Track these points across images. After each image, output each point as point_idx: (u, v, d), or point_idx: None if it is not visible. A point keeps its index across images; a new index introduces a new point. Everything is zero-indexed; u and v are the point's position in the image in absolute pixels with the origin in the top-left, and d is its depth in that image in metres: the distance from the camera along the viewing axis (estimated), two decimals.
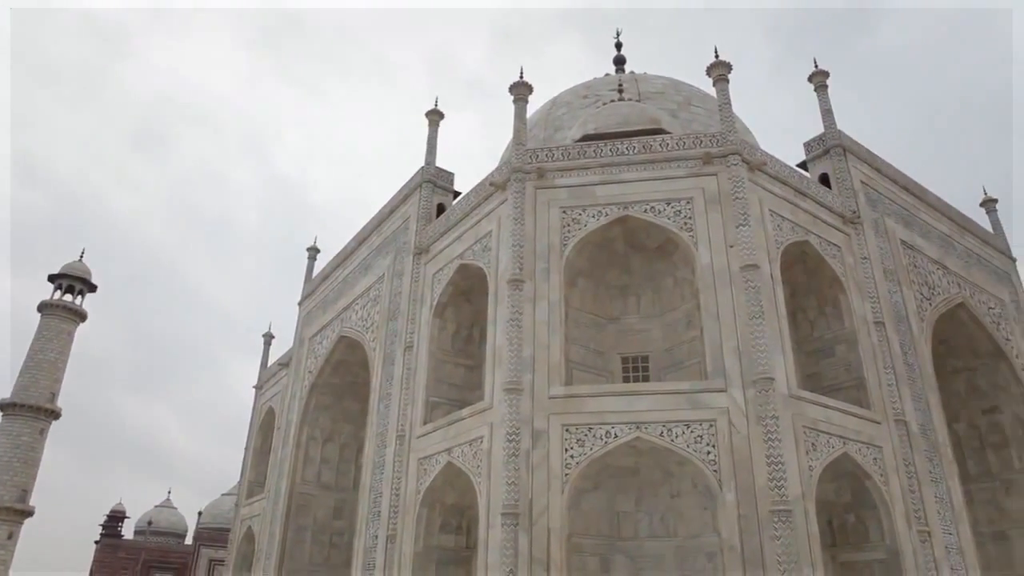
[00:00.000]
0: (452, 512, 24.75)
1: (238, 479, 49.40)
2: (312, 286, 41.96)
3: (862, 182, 28.98)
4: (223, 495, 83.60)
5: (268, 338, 51.71)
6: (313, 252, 45.36)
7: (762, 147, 27.55)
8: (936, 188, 33.90)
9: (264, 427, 45.92)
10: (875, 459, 22.76)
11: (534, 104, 34.36)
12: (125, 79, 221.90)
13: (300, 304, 43.18)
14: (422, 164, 31.86)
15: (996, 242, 37.43)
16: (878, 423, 23.52)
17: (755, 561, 18.53)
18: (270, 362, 48.92)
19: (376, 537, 26.41)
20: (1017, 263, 37.84)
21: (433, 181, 31.47)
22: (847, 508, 23.14)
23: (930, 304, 29.17)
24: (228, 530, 52.43)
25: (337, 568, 35.13)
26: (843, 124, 29.59)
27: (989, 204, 40.38)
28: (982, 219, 38.71)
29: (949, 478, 25.27)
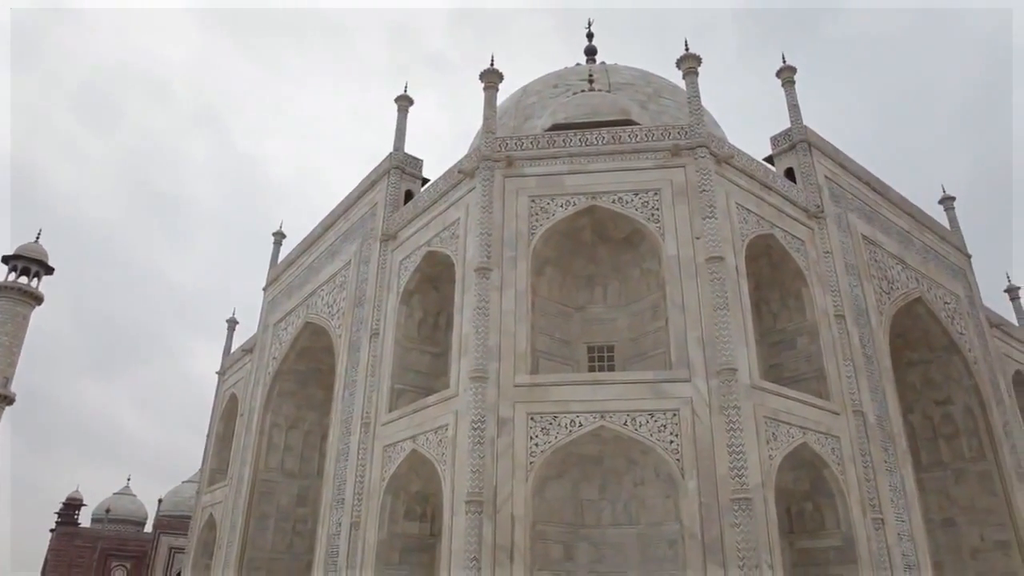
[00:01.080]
0: (416, 500, 24.74)
1: (199, 466, 48.78)
2: (277, 271, 41.44)
3: (826, 177, 29.45)
4: (184, 482, 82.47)
5: (232, 324, 51.02)
6: (279, 237, 44.77)
7: (729, 139, 27.89)
8: (897, 182, 34.65)
9: (227, 414, 45.34)
10: (833, 449, 23.26)
11: (504, 91, 34.25)
12: (66, 43, 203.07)
13: (265, 290, 42.63)
14: (390, 150, 31.65)
15: (953, 239, 38.36)
16: (837, 414, 24.03)
17: (715, 548, 18.86)
18: (233, 348, 48.30)
19: (340, 524, 26.29)
20: (972, 259, 38.87)
21: (401, 167, 31.22)
22: (805, 496, 23.64)
23: (889, 298, 29.83)
24: (189, 518, 51.73)
25: (300, 556, 34.94)
26: (809, 113, 29.97)
27: (947, 201, 41.33)
28: (940, 216, 39.67)
29: (903, 467, 25.95)
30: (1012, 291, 46.38)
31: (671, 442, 20.07)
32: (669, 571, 20.02)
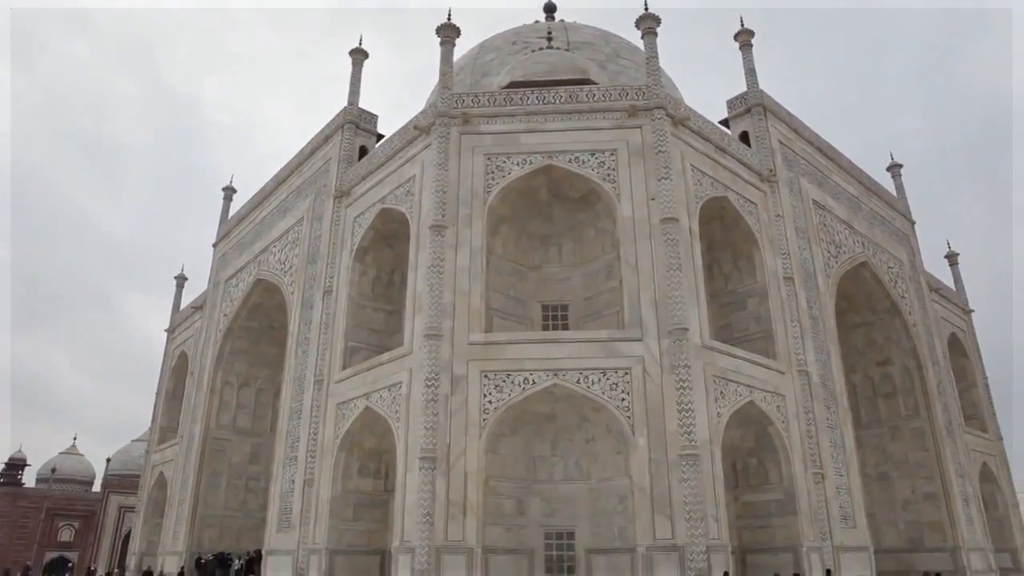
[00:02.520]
0: (370, 456, 24.81)
1: (149, 425, 48.02)
2: (227, 227, 40.49)
3: (780, 142, 29.82)
4: (133, 441, 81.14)
5: (180, 280, 49.87)
6: (229, 192, 43.63)
7: (687, 101, 27.97)
8: (847, 142, 35.23)
9: (177, 372, 44.56)
10: (778, 407, 24.00)
11: (462, 47, 33.64)
12: None
13: (215, 246, 41.67)
14: (345, 104, 30.94)
15: (898, 205, 39.40)
16: (782, 373, 24.74)
17: (663, 502, 19.42)
18: (183, 305, 47.30)
19: (293, 482, 26.26)
20: (916, 226, 40.04)
21: (356, 123, 30.57)
22: (750, 452, 24.40)
23: (836, 262, 30.59)
24: (139, 477, 51.03)
25: (253, 512, 34.85)
26: (763, 72, 30.09)
27: (894, 168, 42.35)
28: (888, 182, 40.66)
29: (844, 425, 26.94)
30: (951, 257, 47.97)
31: (623, 400, 20.45)
32: (618, 524, 20.57)
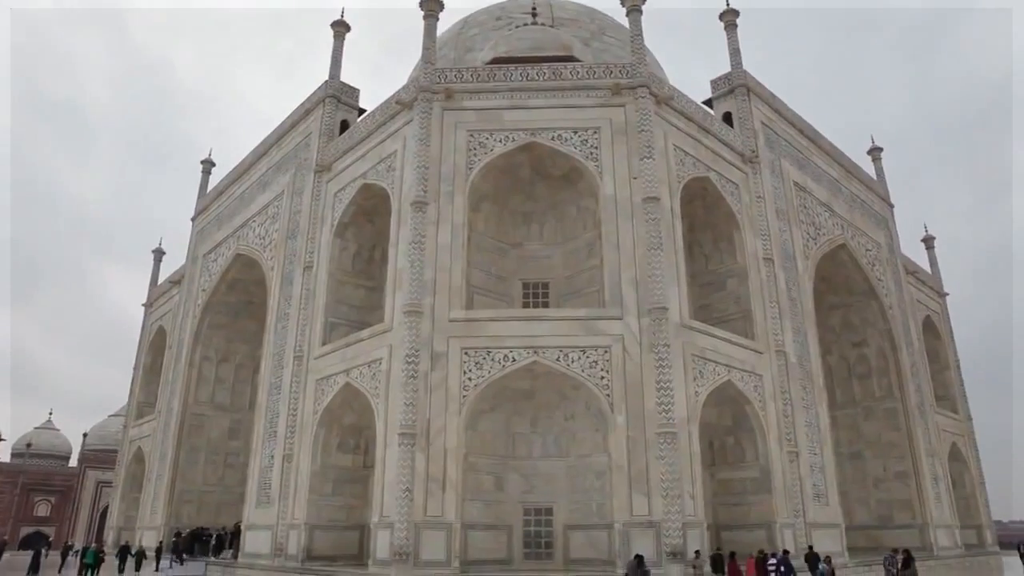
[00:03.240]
0: (350, 432, 24.81)
1: (126, 400, 47.66)
2: (206, 201, 39.97)
3: (763, 123, 29.86)
4: (110, 416, 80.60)
5: (158, 254, 49.28)
6: (207, 165, 43.05)
7: (671, 80, 27.91)
8: (832, 121, 35.39)
9: (155, 346, 44.19)
10: (755, 386, 24.27)
11: (446, 21, 33.25)
12: None
13: (193, 220, 41.16)
14: (325, 78, 30.52)
15: (878, 188, 39.71)
16: (760, 353, 24.99)
17: (641, 479, 19.63)
18: (161, 279, 46.79)
19: (272, 457, 26.24)
20: (894, 209, 40.42)
21: (337, 96, 30.19)
22: (727, 431, 24.70)
23: (815, 244, 30.84)
24: (116, 451, 50.77)
25: (232, 488, 34.81)
26: (749, 48, 29.94)
27: (875, 152, 42.60)
28: (868, 165, 40.93)
29: (819, 404, 27.33)
30: (928, 241, 48.56)
31: (602, 378, 20.57)
32: (596, 501, 20.78)
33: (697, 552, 18.26)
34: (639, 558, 16.11)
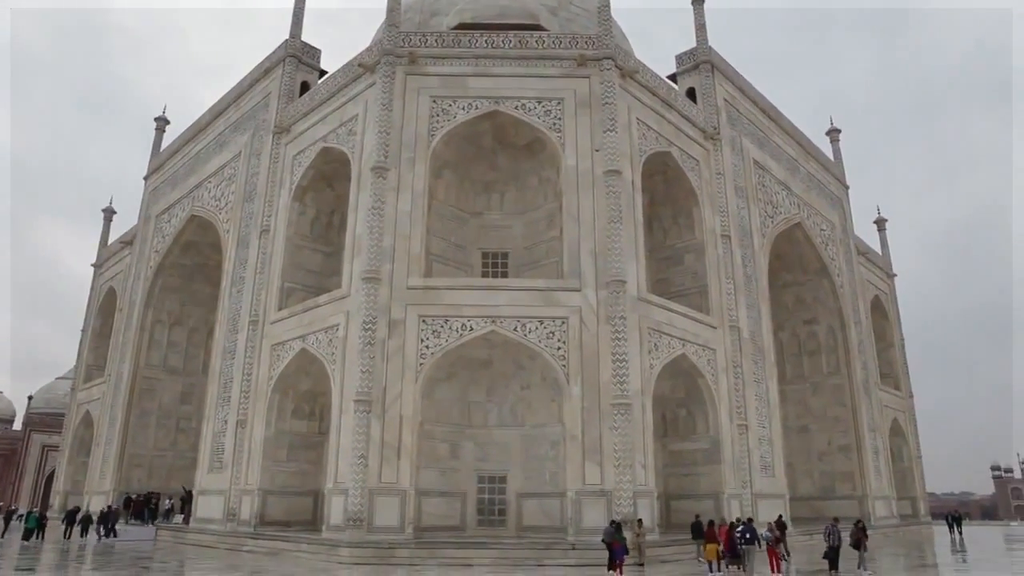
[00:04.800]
0: (305, 398, 24.65)
1: (74, 362, 46.53)
2: (160, 160, 38.81)
3: (725, 100, 30.04)
4: (57, 379, 78.51)
5: (108, 213, 47.85)
6: (161, 123, 41.74)
7: (637, 54, 27.84)
8: (795, 96, 35.83)
9: (104, 308, 43.11)
10: (709, 360, 24.75)
11: None
12: None
13: (146, 179, 39.98)
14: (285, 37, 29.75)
15: (834, 169, 40.43)
16: (715, 328, 25.45)
17: (594, 449, 19.92)
18: (111, 239, 45.49)
19: (226, 422, 25.95)
20: (849, 191, 41.24)
21: (298, 56, 29.44)
22: (680, 403, 25.19)
23: (772, 222, 31.34)
24: (63, 415, 49.66)
25: (184, 452, 34.39)
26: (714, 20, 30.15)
27: (833, 133, 43.31)
28: (826, 146, 41.63)
29: (769, 379, 28.01)
30: (880, 223, 49.76)
31: (558, 348, 20.73)
32: (550, 470, 21.07)
33: (640, 520, 18.63)
34: (618, 524, 16.53)
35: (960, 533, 36.93)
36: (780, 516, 22.79)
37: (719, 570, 16.79)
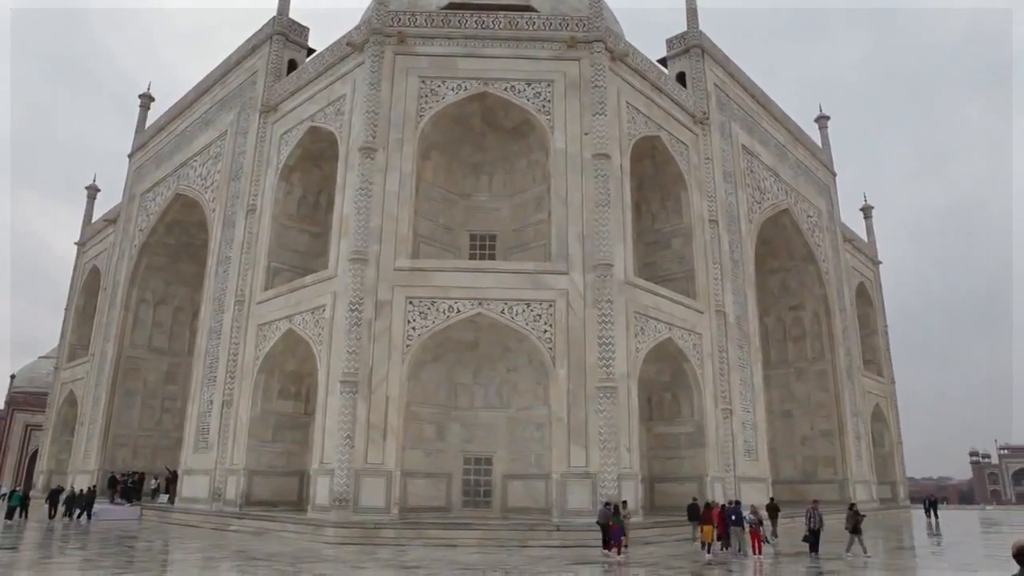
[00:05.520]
0: (291, 379, 24.61)
1: (58, 341, 46.15)
2: (145, 137, 38.34)
3: (715, 85, 30.01)
4: (40, 358, 77.78)
5: (92, 191, 47.30)
6: (146, 100, 41.21)
7: (627, 37, 27.69)
8: (785, 80, 35.83)
9: (88, 287, 42.71)
10: (694, 345, 24.89)
11: None
12: None
13: (130, 156, 39.51)
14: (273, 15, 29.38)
15: (822, 156, 40.57)
16: (701, 312, 25.57)
17: (580, 431, 20.03)
18: (95, 217, 45.00)
19: (211, 402, 25.87)
20: (836, 178, 41.42)
21: (285, 34, 29.10)
22: (665, 387, 25.35)
23: (760, 208, 31.45)
24: (47, 394, 49.28)
25: (169, 432, 34.29)
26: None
27: (822, 120, 43.41)
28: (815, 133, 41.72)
29: (754, 364, 28.23)
30: (866, 210, 50.06)
31: (545, 331, 20.78)
32: (535, 452, 21.20)
33: (624, 502, 18.76)
34: (615, 506, 16.66)
35: (936, 517, 37.48)
36: (772, 499, 23.07)
37: (715, 551, 17.03)
